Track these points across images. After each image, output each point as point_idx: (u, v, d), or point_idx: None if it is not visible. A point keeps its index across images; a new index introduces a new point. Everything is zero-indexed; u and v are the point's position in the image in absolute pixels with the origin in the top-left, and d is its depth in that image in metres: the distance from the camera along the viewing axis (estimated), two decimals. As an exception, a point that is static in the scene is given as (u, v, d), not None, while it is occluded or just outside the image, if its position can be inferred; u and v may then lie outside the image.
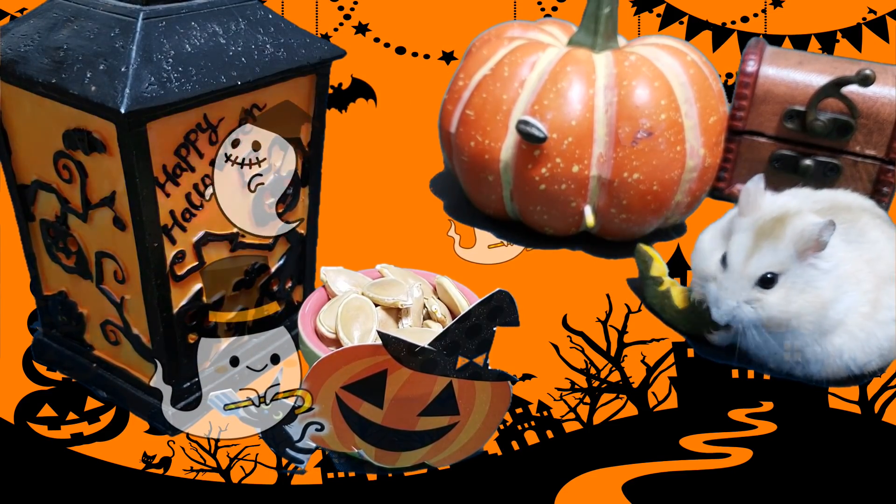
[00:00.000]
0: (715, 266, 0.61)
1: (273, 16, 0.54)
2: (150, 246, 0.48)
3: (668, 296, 0.69)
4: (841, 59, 0.91)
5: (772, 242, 0.58)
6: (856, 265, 0.60)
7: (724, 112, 0.82)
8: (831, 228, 0.57)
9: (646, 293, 0.73)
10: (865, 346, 0.60)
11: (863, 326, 0.60)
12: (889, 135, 0.86)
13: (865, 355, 0.61)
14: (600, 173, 0.76)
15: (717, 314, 0.60)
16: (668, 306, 0.69)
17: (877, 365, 0.62)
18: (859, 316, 0.60)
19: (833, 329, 0.60)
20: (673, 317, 0.69)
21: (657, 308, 0.71)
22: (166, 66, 0.46)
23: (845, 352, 0.60)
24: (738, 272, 0.59)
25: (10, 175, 0.54)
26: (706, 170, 0.79)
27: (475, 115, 0.80)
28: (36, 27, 0.49)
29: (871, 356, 0.61)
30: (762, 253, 0.58)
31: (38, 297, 0.59)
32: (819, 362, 0.61)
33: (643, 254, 0.74)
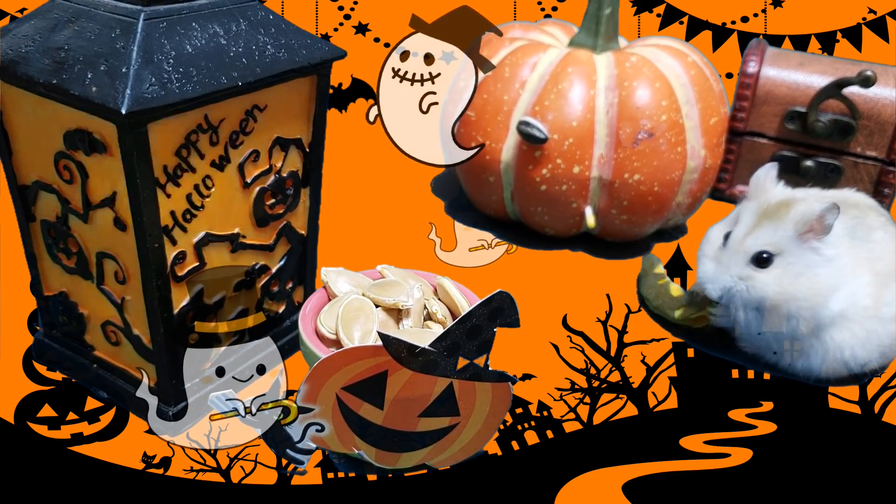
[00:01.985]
0: (717, 244, 0.61)
1: (274, 16, 0.54)
2: (150, 246, 0.48)
3: (666, 287, 0.71)
4: (842, 60, 0.91)
5: (773, 222, 0.58)
6: (858, 260, 0.59)
7: (725, 113, 0.82)
8: (835, 212, 0.57)
9: (643, 283, 0.74)
10: (866, 343, 0.60)
11: (863, 322, 0.60)
12: (890, 136, 0.86)
13: (866, 353, 0.60)
14: (601, 174, 0.76)
15: (711, 289, 0.60)
16: (662, 293, 0.71)
17: (877, 363, 0.62)
18: (860, 311, 0.59)
19: (832, 322, 0.59)
20: (666, 302, 0.70)
21: (651, 295, 0.71)
22: (167, 67, 0.46)
23: (846, 348, 0.60)
24: (735, 248, 0.59)
25: (11, 175, 0.54)
26: (707, 171, 0.79)
27: (476, 116, 0.80)
28: (37, 28, 0.49)
29: (872, 354, 0.61)
30: (761, 231, 0.58)
31: (39, 298, 0.59)
32: (819, 357, 0.60)
33: (652, 257, 0.76)
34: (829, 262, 0.58)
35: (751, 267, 0.59)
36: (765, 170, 0.62)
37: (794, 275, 0.58)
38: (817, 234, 0.58)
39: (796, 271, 0.58)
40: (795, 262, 0.58)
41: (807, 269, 0.58)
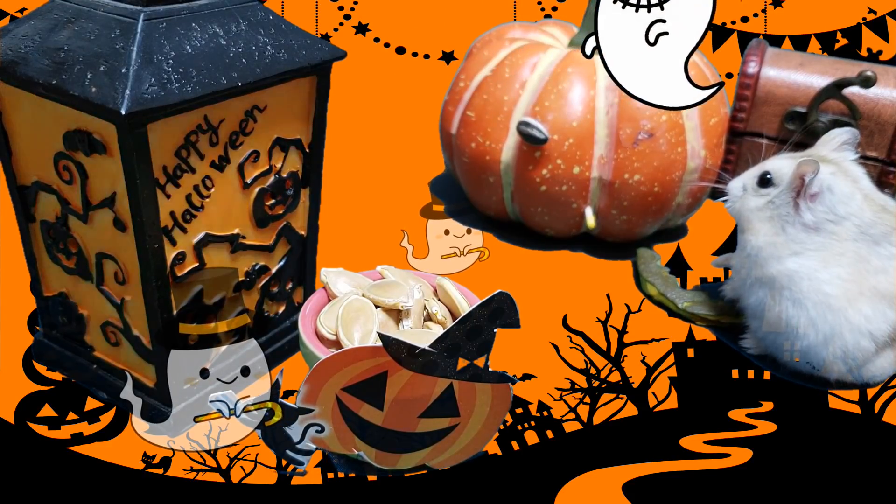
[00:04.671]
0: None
1: (273, 17, 0.54)
2: (150, 247, 0.48)
3: (672, 277, 0.74)
4: (842, 61, 0.90)
5: (793, 161, 0.60)
6: (851, 257, 0.59)
7: (725, 113, 0.82)
8: (813, 167, 0.57)
9: (645, 268, 0.76)
10: (829, 340, 0.59)
11: (826, 315, 0.58)
12: (890, 136, 0.86)
13: (828, 352, 0.59)
14: (601, 174, 0.76)
15: (730, 188, 0.63)
16: (671, 283, 0.73)
17: (840, 371, 0.60)
18: (821, 298, 0.58)
19: (779, 281, 0.59)
20: (673, 291, 0.72)
21: (657, 282, 0.73)
22: (167, 68, 0.46)
23: (792, 316, 0.59)
24: (758, 166, 0.62)
25: (11, 176, 0.54)
26: (707, 171, 0.79)
27: (476, 117, 0.80)
28: (36, 28, 0.49)
29: (836, 357, 0.59)
30: (780, 159, 0.60)
31: (39, 298, 0.59)
32: (767, 313, 0.61)
33: (649, 249, 0.79)
34: (804, 227, 0.58)
35: (754, 183, 0.60)
36: (840, 132, 0.62)
37: (769, 215, 0.59)
38: (801, 195, 0.58)
39: (772, 213, 0.59)
40: (778, 207, 0.59)
41: (779, 219, 0.59)
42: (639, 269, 0.76)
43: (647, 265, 0.76)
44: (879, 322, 0.59)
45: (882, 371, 0.61)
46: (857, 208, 0.59)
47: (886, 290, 0.59)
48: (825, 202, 0.58)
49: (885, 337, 0.59)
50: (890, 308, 0.59)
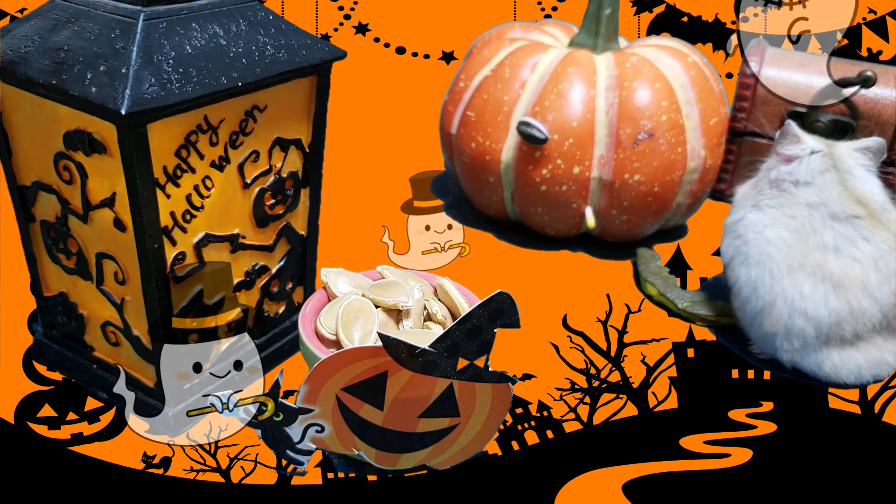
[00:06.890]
0: None
1: (273, 17, 0.54)
2: (150, 247, 0.48)
3: (672, 277, 0.74)
4: (842, 60, 0.90)
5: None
6: (800, 222, 0.59)
7: (725, 113, 0.82)
8: (790, 128, 0.61)
9: (646, 268, 0.76)
10: (768, 311, 0.59)
11: (765, 279, 0.59)
12: (890, 136, 0.86)
13: (769, 324, 0.59)
14: (601, 174, 0.76)
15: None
16: (671, 282, 0.73)
17: (788, 354, 0.59)
18: (763, 259, 0.59)
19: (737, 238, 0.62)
20: (673, 291, 0.72)
21: (657, 282, 0.73)
22: (167, 68, 0.46)
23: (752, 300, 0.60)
24: None
25: (11, 176, 0.54)
26: (707, 171, 0.79)
27: (476, 117, 0.80)
28: (36, 28, 0.49)
29: (779, 335, 0.59)
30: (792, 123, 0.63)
31: (39, 298, 0.59)
32: None
33: (649, 249, 0.79)
34: (770, 183, 0.62)
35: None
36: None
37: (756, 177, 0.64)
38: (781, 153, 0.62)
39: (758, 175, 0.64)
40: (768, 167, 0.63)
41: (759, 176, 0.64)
42: (639, 269, 0.76)
43: (647, 265, 0.76)
44: (818, 306, 0.56)
45: (849, 372, 0.59)
46: (824, 183, 0.59)
47: (834, 273, 0.56)
48: (793, 165, 0.61)
49: (827, 326, 0.57)
50: (835, 295, 0.56)
